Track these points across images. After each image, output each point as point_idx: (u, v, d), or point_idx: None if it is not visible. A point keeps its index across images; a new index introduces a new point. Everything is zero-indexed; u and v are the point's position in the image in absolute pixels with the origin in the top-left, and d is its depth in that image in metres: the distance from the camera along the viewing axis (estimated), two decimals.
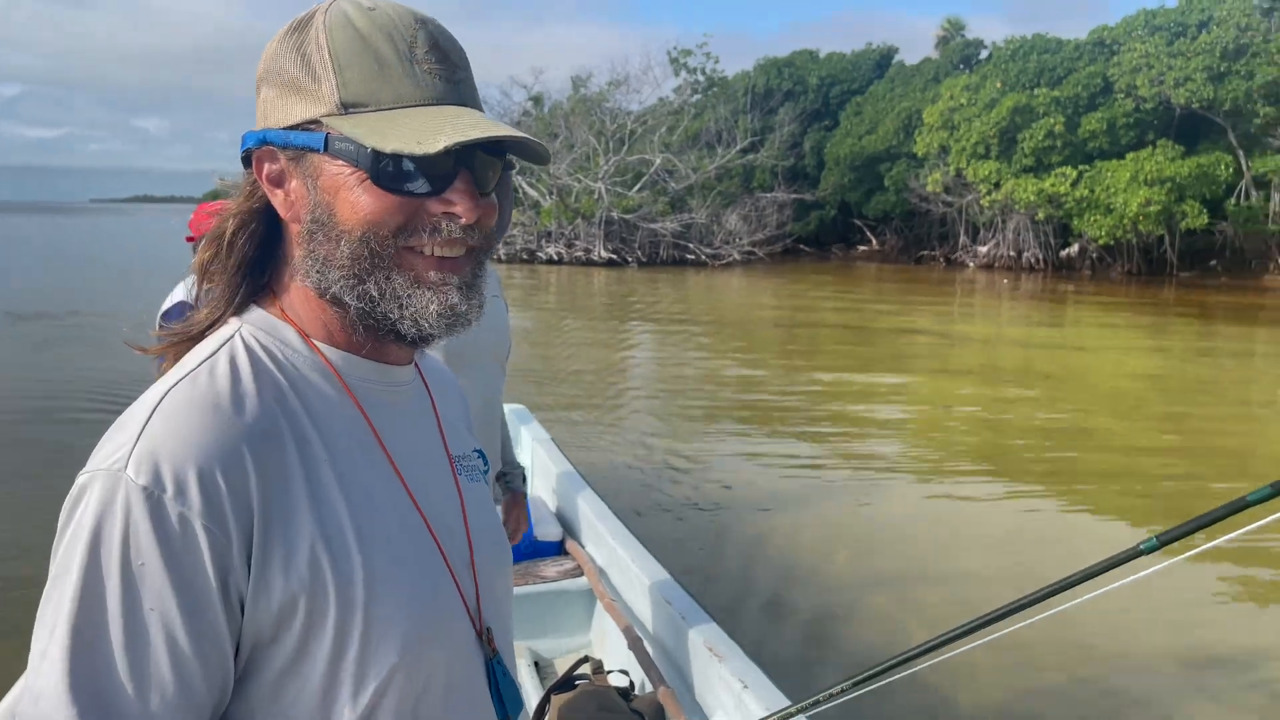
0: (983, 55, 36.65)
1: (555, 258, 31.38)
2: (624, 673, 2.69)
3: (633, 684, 2.65)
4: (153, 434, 0.72)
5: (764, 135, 36.87)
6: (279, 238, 0.85)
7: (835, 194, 37.87)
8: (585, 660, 2.67)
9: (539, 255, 31.53)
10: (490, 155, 0.81)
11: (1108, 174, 27.53)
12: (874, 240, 39.18)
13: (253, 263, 0.85)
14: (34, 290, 20.13)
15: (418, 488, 0.86)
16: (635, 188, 32.19)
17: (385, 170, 0.76)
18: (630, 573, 3.20)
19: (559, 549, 3.72)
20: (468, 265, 0.82)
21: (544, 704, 2.53)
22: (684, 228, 32.75)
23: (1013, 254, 31.24)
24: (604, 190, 31.19)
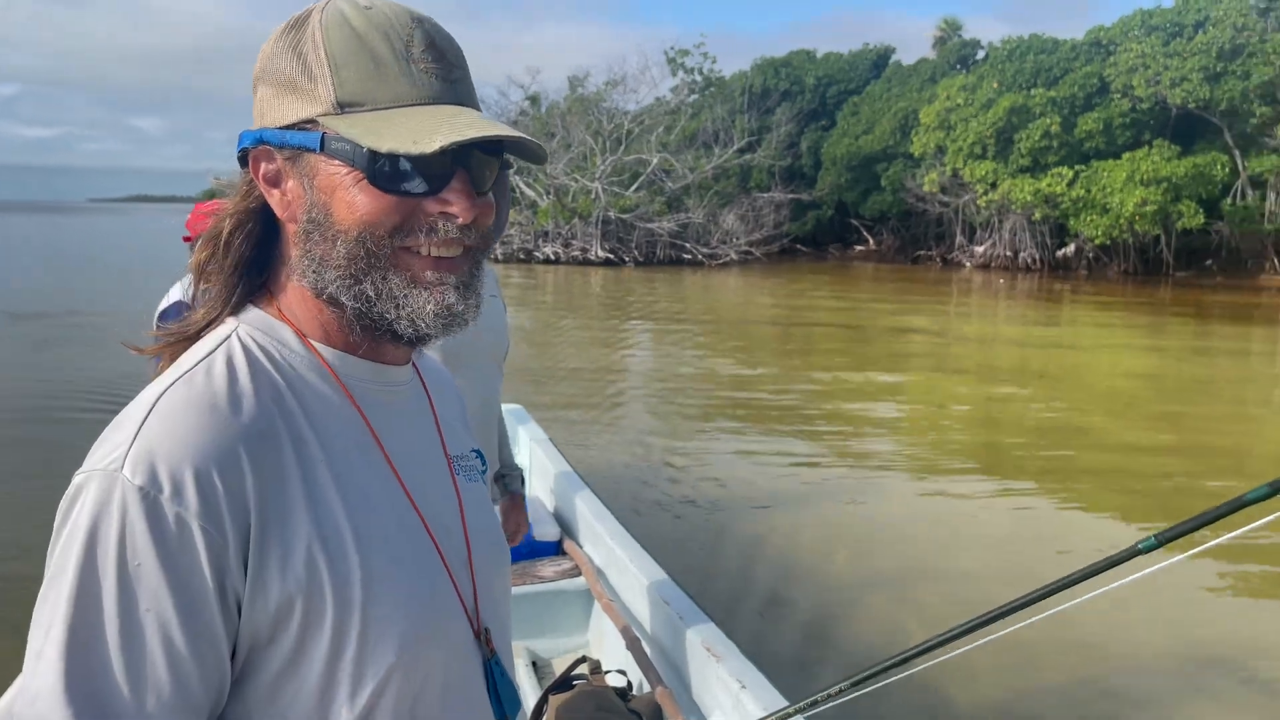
0: (979, 55, 36.70)
1: (552, 257, 31.37)
2: (622, 673, 2.69)
3: (630, 684, 2.65)
4: (149, 434, 0.72)
5: (761, 135, 36.87)
6: (276, 237, 0.85)
7: (832, 194, 37.89)
8: (583, 660, 2.67)
9: (536, 255, 31.51)
10: (487, 155, 0.80)
11: (1104, 174, 27.57)
12: (871, 240, 39.21)
13: (249, 263, 0.84)
14: (33, 290, 20.09)
15: (415, 488, 0.86)
16: (632, 187, 32.18)
17: (381, 170, 0.76)
18: (628, 573, 3.19)
19: (557, 549, 3.72)
20: (465, 265, 0.81)
21: (542, 704, 2.52)
22: (681, 227, 32.75)
23: (1009, 254, 31.28)
24: (601, 190, 31.18)
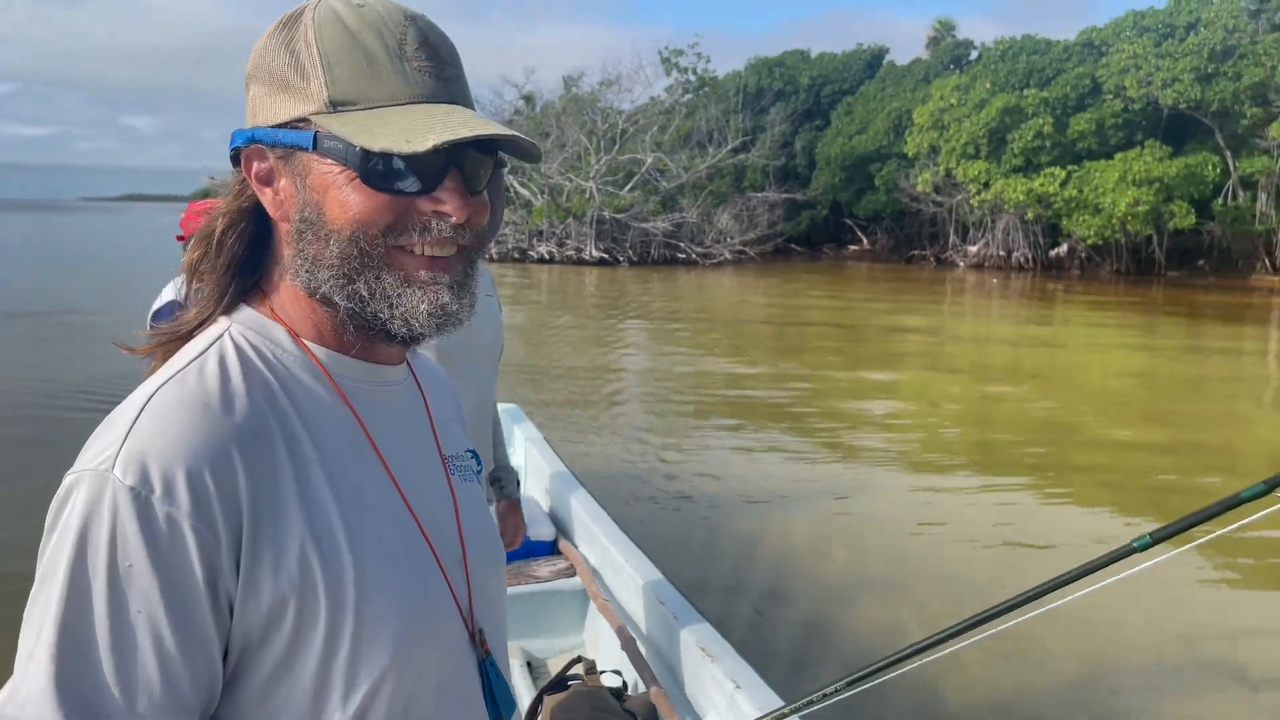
0: (972, 56, 36.74)
1: (547, 257, 31.33)
2: (617, 673, 2.68)
3: (625, 684, 2.65)
4: (141, 434, 0.71)
5: (755, 135, 36.86)
6: (269, 237, 0.84)
7: (826, 194, 37.92)
8: (578, 660, 2.66)
9: (530, 254, 31.47)
10: (481, 154, 0.80)
11: (1096, 174, 27.63)
12: (865, 240, 39.25)
13: (242, 262, 0.84)
14: (30, 289, 20.00)
15: (409, 487, 0.85)
16: (627, 187, 32.16)
17: (374, 169, 0.75)
18: (623, 573, 3.19)
19: (552, 549, 3.71)
20: (459, 264, 0.81)
21: (536, 704, 2.52)
22: (675, 227, 32.73)
23: (1002, 253, 31.35)
24: (595, 189, 31.15)
